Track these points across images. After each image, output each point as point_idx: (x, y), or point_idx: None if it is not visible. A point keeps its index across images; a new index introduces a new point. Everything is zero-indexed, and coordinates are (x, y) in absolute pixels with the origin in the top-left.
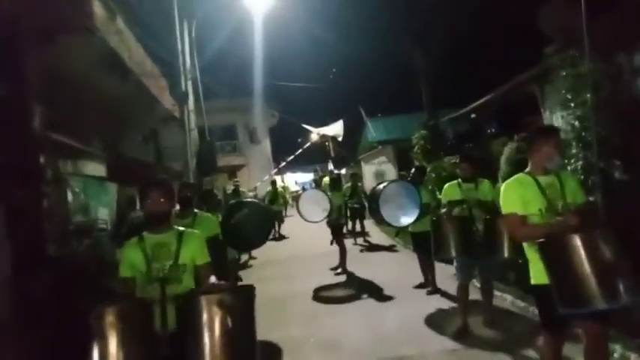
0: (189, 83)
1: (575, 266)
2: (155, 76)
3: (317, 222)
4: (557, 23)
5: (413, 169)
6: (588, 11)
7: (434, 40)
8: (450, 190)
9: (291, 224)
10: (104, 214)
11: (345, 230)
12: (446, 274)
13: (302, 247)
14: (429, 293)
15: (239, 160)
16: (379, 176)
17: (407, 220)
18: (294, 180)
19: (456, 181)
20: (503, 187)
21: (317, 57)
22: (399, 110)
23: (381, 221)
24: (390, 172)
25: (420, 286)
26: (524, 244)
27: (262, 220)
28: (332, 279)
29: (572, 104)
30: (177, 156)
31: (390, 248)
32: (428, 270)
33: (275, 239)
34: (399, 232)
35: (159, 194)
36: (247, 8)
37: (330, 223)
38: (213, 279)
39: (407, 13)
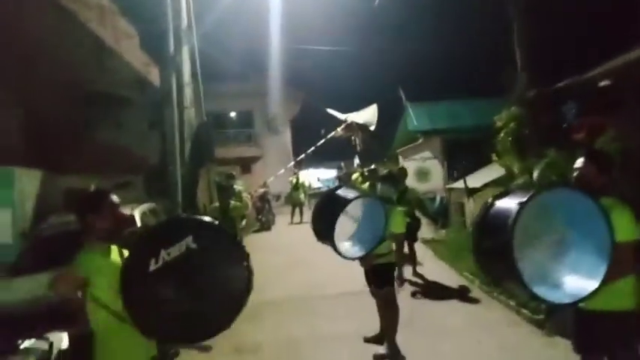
0: (186, 49)
1: None
2: (105, 12)
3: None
4: None
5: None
6: None
7: None
8: None
9: (292, 233)
10: None
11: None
12: None
13: (311, 277)
14: None
15: (254, 151)
16: (422, 175)
17: (583, 287)
18: (315, 176)
19: None
20: None
21: (347, 22)
22: (447, 94)
23: (510, 283)
24: (436, 170)
25: None
26: None
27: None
28: None
29: None
30: (146, 140)
31: (463, 293)
32: None
33: None
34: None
35: None
36: None
37: (369, 263)
38: None
39: None
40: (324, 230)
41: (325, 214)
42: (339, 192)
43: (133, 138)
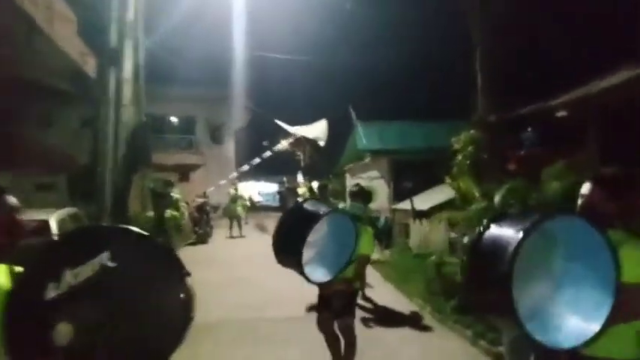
0: (129, 43)
1: None
2: None
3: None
4: None
5: None
6: None
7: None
8: None
9: (231, 247)
10: None
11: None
12: None
13: (252, 297)
14: None
15: (194, 159)
16: None
17: (583, 330)
18: (256, 190)
19: None
20: None
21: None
22: (398, 115)
23: (501, 320)
24: (382, 189)
25: None
26: None
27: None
28: None
29: None
30: (77, 137)
31: (416, 321)
32: None
33: None
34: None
35: None
36: None
37: (332, 288)
38: None
39: None
40: (289, 250)
41: (291, 231)
42: (307, 205)
43: (63, 134)
